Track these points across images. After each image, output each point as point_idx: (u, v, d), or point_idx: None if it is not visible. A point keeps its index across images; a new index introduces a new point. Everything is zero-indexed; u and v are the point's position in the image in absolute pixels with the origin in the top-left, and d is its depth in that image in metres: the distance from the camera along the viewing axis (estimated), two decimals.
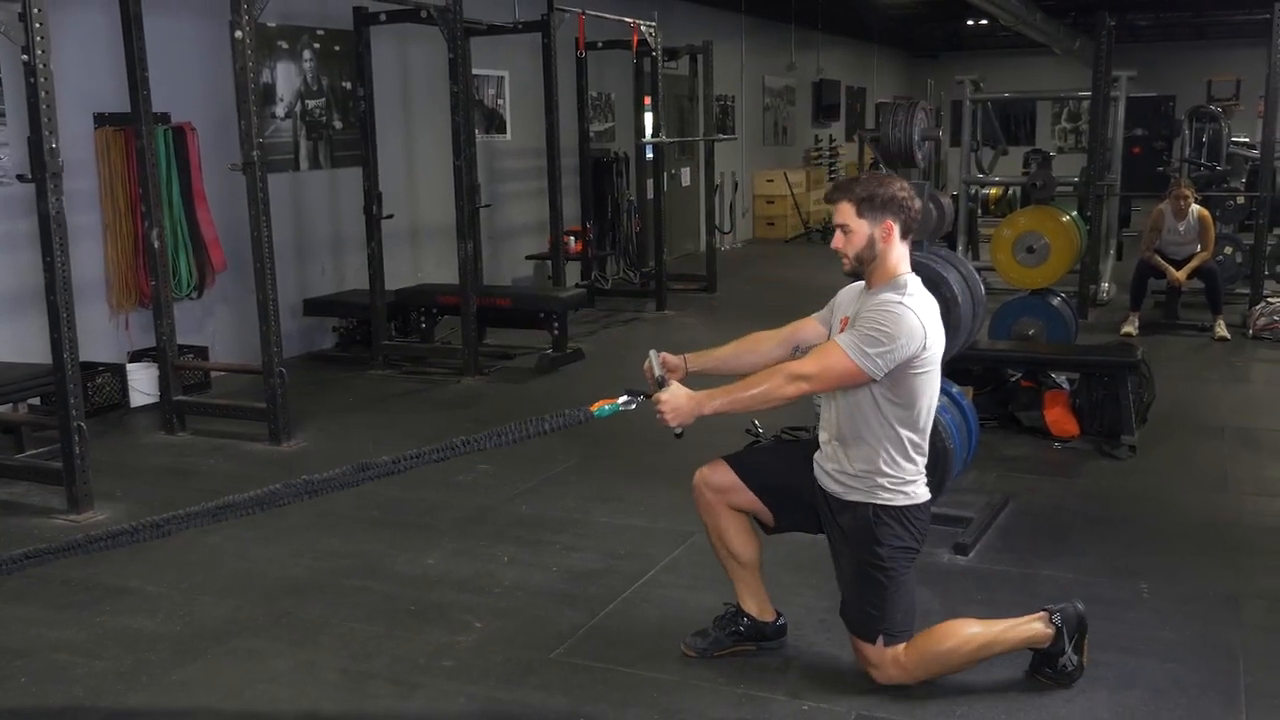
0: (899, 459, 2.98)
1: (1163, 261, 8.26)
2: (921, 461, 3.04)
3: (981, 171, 10.76)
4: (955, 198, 9.68)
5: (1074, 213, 7.83)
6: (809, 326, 3.23)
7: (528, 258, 10.14)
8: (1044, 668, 3.12)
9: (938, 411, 3.32)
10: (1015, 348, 6.31)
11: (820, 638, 3.43)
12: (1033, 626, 3.08)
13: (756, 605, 3.32)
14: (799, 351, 3.16)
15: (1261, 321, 7.98)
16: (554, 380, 7.09)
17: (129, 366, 6.41)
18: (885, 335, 2.85)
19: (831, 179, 16.98)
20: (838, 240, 3.03)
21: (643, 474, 5.09)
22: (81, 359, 4.78)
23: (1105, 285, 9.59)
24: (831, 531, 3.11)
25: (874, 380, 2.89)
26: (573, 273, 9.74)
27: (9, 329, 5.94)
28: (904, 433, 2.97)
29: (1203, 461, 5.26)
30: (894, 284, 2.96)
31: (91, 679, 3.27)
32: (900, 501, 2.99)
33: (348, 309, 7.78)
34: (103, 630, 3.60)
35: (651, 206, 10.08)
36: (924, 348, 2.89)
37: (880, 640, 3.01)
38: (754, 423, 4.98)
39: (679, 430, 2.91)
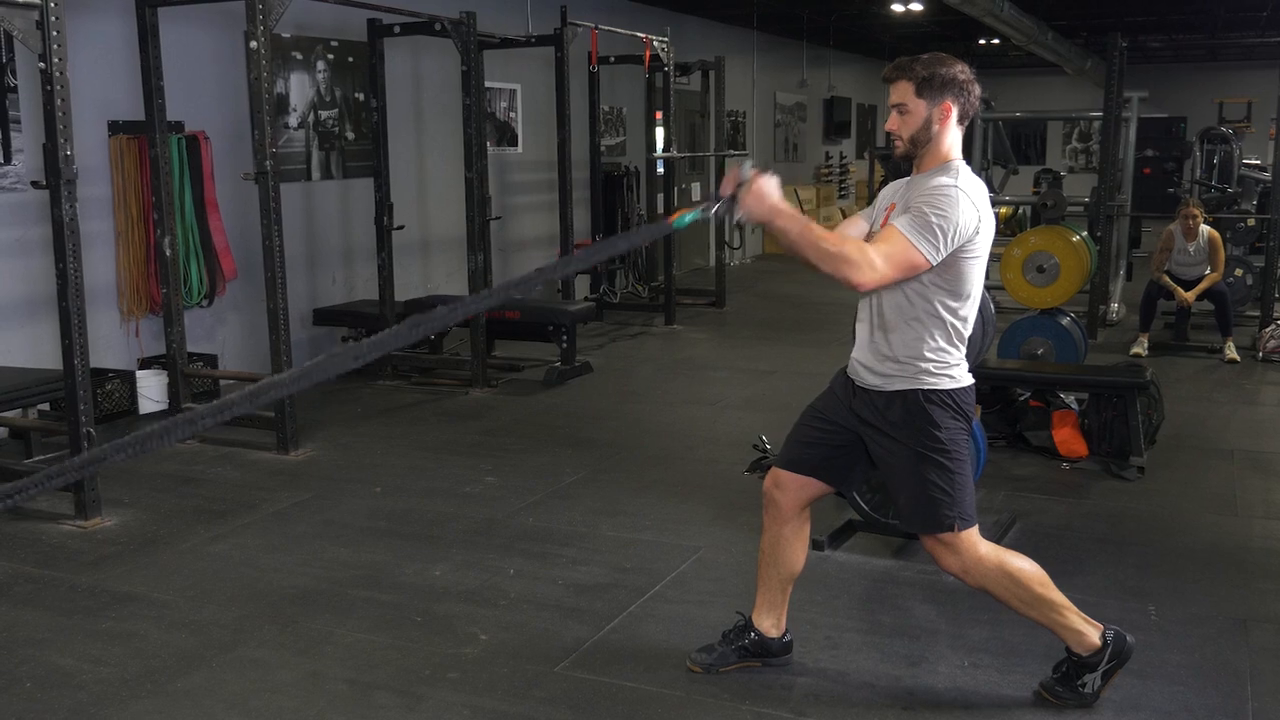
0: (943, 342, 2.93)
1: (1171, 282, 8.24)
2: (963, 349, 2.99)
3: (992, 190, 10.75)
4: None
5: (1084, 233, 7.83)
6: (855, 224, 3.14)
7: (537, 270, 10.13)
8: (1064, 682, 3.11)
9: None
10: (1024, 367, 6.31)
11: (826, 655, 3.43)
12: (1087, 627, 3.07)
13: (772, 620, 3.31)
14: None
15: (1271, 344, 7.95)
16: (562, 393, 7.10)
17: (139, 373, 6.42)
18: (944, 221, 2.79)
19: (842, 196, 17.01)
20: (893, 122, 2.97)
21: (649, 488, 5.09)
22: (92, 365, 4.80)
23: (1115, 305, 9.57)
24: (879, 439, 3.03)
25: (931, 266, 2.83)
26: (581, 286, 9.75)
27: (21, 334, 5.96)
28: (948, 317, 2.92)
29: (1212, 484, 5.24)
30: (945, 168, 2.91)
31: (96, 685, 3.27)
32: (946, 385, 2.95)
33: (357, 319, 7.79)
34: (108, 637, 3.60)
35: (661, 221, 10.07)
36: (976, 231, 2.85)
37: (957, 525, 2.95)
38: (761, 438, 4.99)
39: (741, 219, 2.73)
